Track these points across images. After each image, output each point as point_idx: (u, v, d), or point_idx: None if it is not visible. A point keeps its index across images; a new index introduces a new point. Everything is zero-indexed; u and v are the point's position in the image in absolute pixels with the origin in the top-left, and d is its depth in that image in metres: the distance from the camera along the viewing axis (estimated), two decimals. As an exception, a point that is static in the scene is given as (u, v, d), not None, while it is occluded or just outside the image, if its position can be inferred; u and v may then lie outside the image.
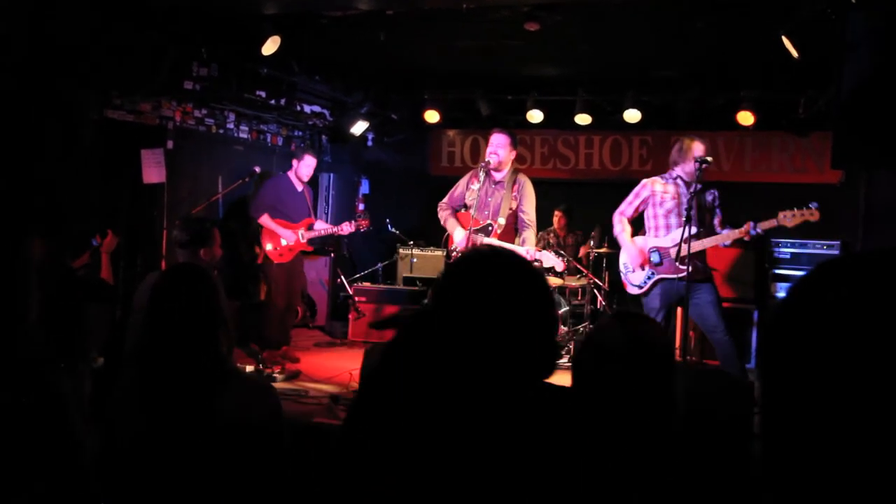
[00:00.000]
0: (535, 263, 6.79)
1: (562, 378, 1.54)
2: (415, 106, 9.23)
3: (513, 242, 5.56)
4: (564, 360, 5.75)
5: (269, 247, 6.72)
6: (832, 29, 4.76)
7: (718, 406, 4.35)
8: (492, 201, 5.64)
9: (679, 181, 5.13)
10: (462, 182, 5.88)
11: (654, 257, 5.23)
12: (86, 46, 5.75)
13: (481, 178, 5.60)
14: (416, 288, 8.18)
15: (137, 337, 2.31)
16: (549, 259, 5.61)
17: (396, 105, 9.39)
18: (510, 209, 5.64)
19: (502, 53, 7.37)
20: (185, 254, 4.03)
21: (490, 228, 5.59)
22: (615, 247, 7.86)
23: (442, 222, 5.86)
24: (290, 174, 6.87)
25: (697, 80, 7.99)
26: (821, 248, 7.44)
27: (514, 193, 5.66)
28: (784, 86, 7.66)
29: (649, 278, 5.25)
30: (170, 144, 7.11)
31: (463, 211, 5.83)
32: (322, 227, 6.90)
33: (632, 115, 8.43)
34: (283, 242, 6.68)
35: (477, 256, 1.50)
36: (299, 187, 6.86)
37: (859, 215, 7.61)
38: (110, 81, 6.32)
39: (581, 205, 8.83)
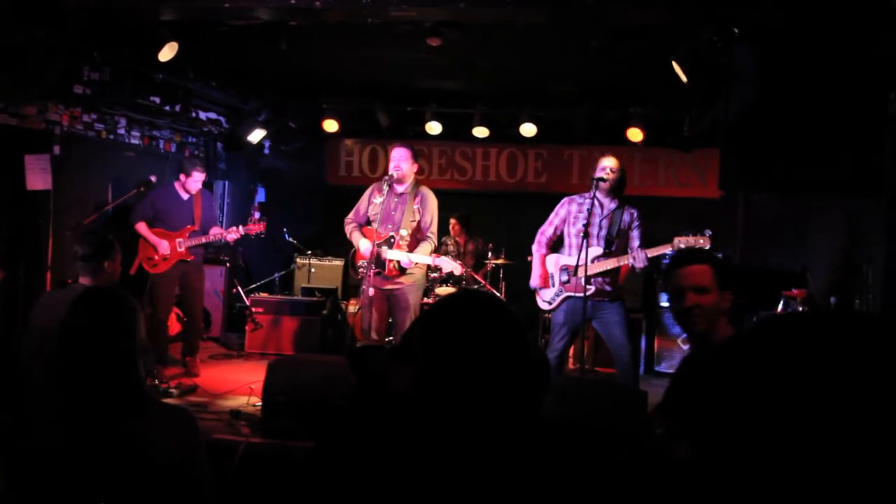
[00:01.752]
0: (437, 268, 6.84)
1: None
2: (313, 114, 9.15)
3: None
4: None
5: (146, 257, 6.55)
6: (718, 57, 5.06)
7: (614, 415, 4.54)
8: (395, 214, 5.71)
9: (596, 199, 5.26)
10: (365, 196, 5.94)
11: (563, 276, 5.35)
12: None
13: (384, 192, 5.66)
14: (315, 298, 8.09)
15: (50, 364, 2.21)
16: (448, 264, 5.70)
17: (294, 113, 9.28)
18: (413, 221, 5.71)
19: (403, 66, 7.42)
20: (87, 267, 3.87)
21: (392, 241, 5.64)
22: (512, 258, 8.08)
23: (348, 236, 5.89)
24: (177, 184, 6.74)
25: (591, 96, 8.27)
26: (704, 259, 7.80)
27: (416, 206, 5.74)
28: (671, 105, 8.04)
29: (557, 295, 5.39)
30: (56, 150, 6.79)
31: (367, 226, 5.86)
32: (214, 232, 6.71)
33: (528, 129, 8.66)
34: (159, 252, 6.52)
35: (455, 300, 1.56)
36: (185, 196, 6.72)
37: (738, 229, 8.09)
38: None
39: (477, 215, 8.99)
